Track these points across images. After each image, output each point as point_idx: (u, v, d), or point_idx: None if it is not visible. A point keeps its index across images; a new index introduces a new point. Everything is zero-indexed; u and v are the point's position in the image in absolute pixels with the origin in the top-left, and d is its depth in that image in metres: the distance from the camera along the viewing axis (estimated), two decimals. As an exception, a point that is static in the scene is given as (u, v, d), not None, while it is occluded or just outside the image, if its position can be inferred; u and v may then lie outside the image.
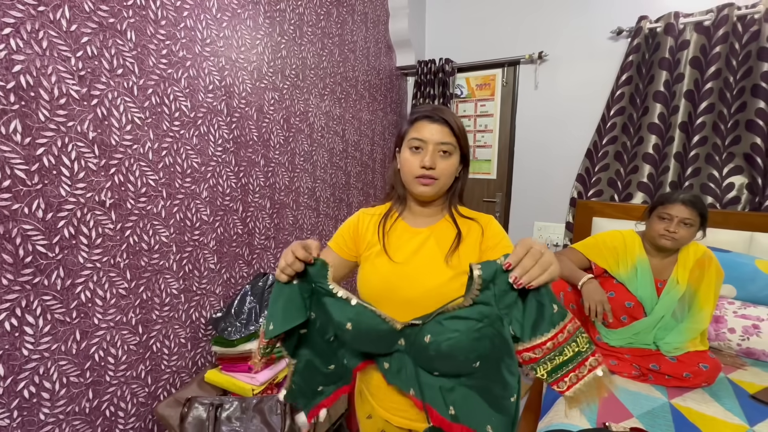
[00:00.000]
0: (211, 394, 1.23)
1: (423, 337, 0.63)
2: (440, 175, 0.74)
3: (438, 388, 0.65)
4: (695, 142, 1.80)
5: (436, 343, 0.61)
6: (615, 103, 1.96)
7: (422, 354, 0.64)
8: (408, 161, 0.76)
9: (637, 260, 1.34)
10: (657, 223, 1.29)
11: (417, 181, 0.75)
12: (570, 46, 2.11)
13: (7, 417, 0.86)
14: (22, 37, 0.82)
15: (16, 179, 0.84)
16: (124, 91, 1.02)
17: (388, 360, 0.70)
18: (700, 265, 1.29)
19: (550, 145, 2.26)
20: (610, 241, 1.40)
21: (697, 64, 1.78)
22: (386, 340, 0.67)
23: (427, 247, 0.78)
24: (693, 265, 1.29)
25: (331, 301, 0.67)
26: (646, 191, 1.94)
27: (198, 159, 1.25)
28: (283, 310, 0.65)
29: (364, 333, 0.66)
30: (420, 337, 0.64)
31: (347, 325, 0.66)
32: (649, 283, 1.31)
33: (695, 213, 1.23)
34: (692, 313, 1.27)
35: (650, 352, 1.29)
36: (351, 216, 0.90)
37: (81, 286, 0.97)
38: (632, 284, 1.33)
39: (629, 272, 1.34)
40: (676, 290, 1.28)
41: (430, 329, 0.63)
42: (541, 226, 2.35)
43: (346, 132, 2.06)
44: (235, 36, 1.35)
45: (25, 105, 0.84)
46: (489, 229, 0.79)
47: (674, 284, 1.29)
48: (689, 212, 1.23)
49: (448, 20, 2.49)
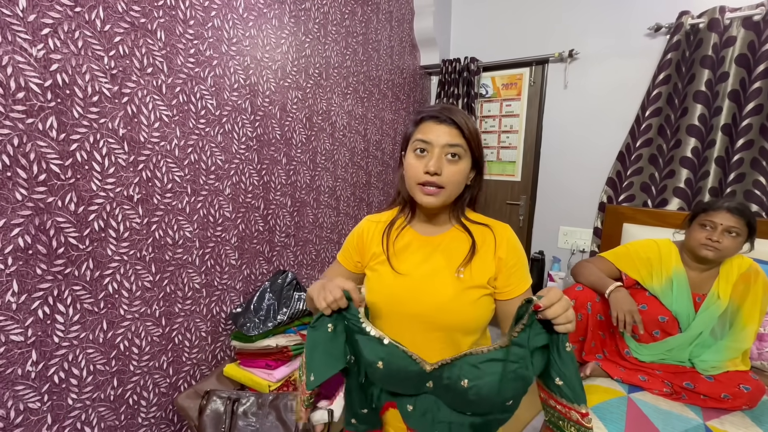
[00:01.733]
0: (229, 387, 1.25)
1: (459, 381, 0.61)
2: (447, 183, 0.66)
3: (468, 425, 0.65)
4: (740, 145, 1.68)
5: (476, 388, 0.59)
6: (651, 104, 1.86)
7: (459, 398, 0.62)
8: (411, 166, 0.68)
9: (673, 272, 1.25)
10: (698, 232, 1.20)
11: (421, 189, 0.68)
12: (603, 44, 2.02)
13: (38, 400, 0.90)
14: (59, 36, 0.86)
15: (51, 173, 0.87)
16: (153, 90, 1.05)
17: (412, 402, 0.68)
18: (745, 279, 1.19)
19: (579, 146, 2.17)
20: (643, 251, 1.32)
21: (743, 62, 1.66)
22: (415, 381, 0.65)
23: (435, 259, 0.73)
24: (737, 279, 1.19)
25: (364, 340, 0.65)
26: (683, 197, 1.83)
27: (222, 156, 1.27)
28: (322, 357, 0.64)
29: (394, 372, 0.64)
30: (456, 381, 0.61)
31: (378, 363, 0.64)
32: (685, 297, 1.22)
33: (742, 222, 1.14)
34: (734, 331, 1.17)
35: (684, 369, 1.21)
36: (357, 225, 0.87)
37: (109, 277, 1.00)
38: (667, 298, 1.24)
39: (663, 285, 1.25)
40: (717, 305, 1.19)
41: (467, 373, 0.60)
42: (567, 230, 2.27)
43: (368, 131, 2.05)
44: (260, 35, 1.36)
45: (60, 102, 0.87)
46: (505, 241, 0.73)
47: (714, 299, 1.20)
48: (735, 220, 1.14)
49: (474, 18, 2.44)
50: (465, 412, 0.63)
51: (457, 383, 0.60)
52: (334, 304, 0.61)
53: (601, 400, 1.18)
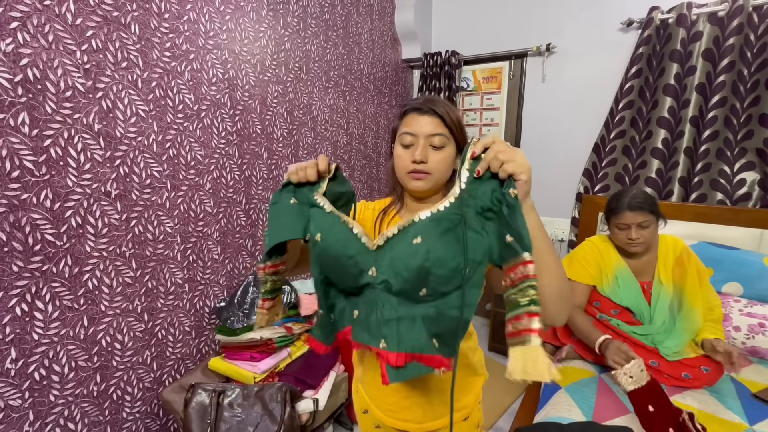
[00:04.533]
0: (214, 381, 1.26)
1: (412, 240, 0.51)
2: (433, 170, 0.71)
3: (421, 318, 0.54)
4: (706, 136, 1.76)
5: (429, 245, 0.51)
6: (624, 97, 1.92)
7: (410, 269, 0.52)
8: (400, 157, 0.73)
9: (616, 269, 1.32)
10: (617, 234, 1.29)
11: (409, 177, 0.72)
12: (579, 38, 2.07)
13: (19, 398, 0.90)
14: (28, 30, 0.84)
15: (24, 170, 0.86)
16: (128, 84, 1.04)
17: (358, 305, 0.59)
18: (680, 263, 1.28)
19: (557, 138, 2.23)
20: (590, 255, 1.37)
21: (709, 57, 1.73)
22: (355, 263, 0.56)
23: None
24: (673, 263, 1.28)
25: (315, 212, 0.59)
26: (654, 187, 1.91)
27: (202, 151, 1.27)
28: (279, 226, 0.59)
29: (331, 248, 0.57)
30: (403, 243, 0.52)
31: (317, 235, 0.57)
32: (632, 290, 1.30)
33: (646, 213, 1.22)
34: (684, 312, 1.25)
35: (651, 348, 1.28)
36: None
37: (88, 274, 1.00)
38: (616, 296, 1.31)
39: (611, 284, 1.33)
40: (664, 292, 1.27)
41: (419, 230, 0.52)
42: (546, 221, 2.33)
43: (350, 125, 2.06)
44: (238, 29, 1.35)
45: (32, 97, 0.86)
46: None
47: (659, 286, 1.28)
48: (641, 216, 1.22)
49: (455, 12, 2.46)
50: (417, 296, 0.53)
51: (409, 243, 0.52)
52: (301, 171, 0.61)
53: (573, 380, 1.24)
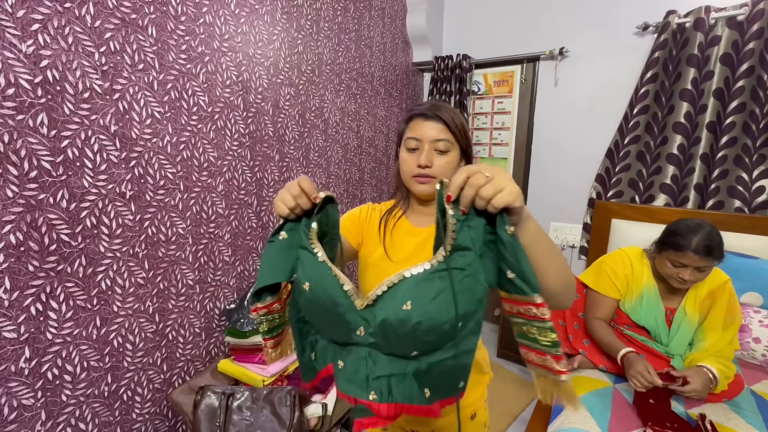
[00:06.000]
0: (223, 383, 1.26)
1: (401, 305, 0.49)
2: (437, 173, 0.72)
3: (413, 375, 0.52)
4: (724, 142, 1.73)
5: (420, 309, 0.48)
6: (639, 102, 1.89)
7: (400, 331, 0.49)
8: (405, 161, 0.75)
9: (644, 289, 1.27)
10: (667, 266, 1.20)
11: (415, 180, 0.74)
12: (593, 42, 2.05)
13: (31, 397, 0.90)
14: (49, 32, 0.85)
15: (42, 170, 0.87)
16: (144, 86, 1.05)
17: (343, 356, 0.56)
18: (711, 296, 1.22)
19: (569, 143, 2.20)
20: (619, 269, 1.32)
21: (728, 61, 1.70)
22: (343, 321, 0.53)
23: (427, 248, 0.73)
24: (705, 295, 1.22)
25: (305, 255, 0.56)
26: (669, 193, 1.87)
27: (214, 153, 1.27)
28: (267, 267, 0.56)
29: (318, 300, 0.53)
30: (397, 308, 0.49)
31: (305, 284, 0.54)
32: (654, 312, 1.26)
33: (711, 259, 1.12)
34: (695, 341, 1.23)
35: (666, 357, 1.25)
36: (355, 208, 0.88)
37: (101, 274, 1.01)
38: (635, 314, 1.28)
39: (634, 302, 1.29)
40: (687, 322, 1.23)
41: (408, 295, 0.49)
42: (557, 226, 2.30)
43: (361, 128, 2.06)
44: (252, 32, 1.36)
45: (51, 99, 0.87)
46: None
47: (683, 315, 1.24)
48: (705, 261, 1.12)
49: (466, 15, 2.45)
50: (407, 355, 0.52)
51: (399, 309, 0.49)
52: (290, 201, 0.55)
53: (588, 390, 1.22)
